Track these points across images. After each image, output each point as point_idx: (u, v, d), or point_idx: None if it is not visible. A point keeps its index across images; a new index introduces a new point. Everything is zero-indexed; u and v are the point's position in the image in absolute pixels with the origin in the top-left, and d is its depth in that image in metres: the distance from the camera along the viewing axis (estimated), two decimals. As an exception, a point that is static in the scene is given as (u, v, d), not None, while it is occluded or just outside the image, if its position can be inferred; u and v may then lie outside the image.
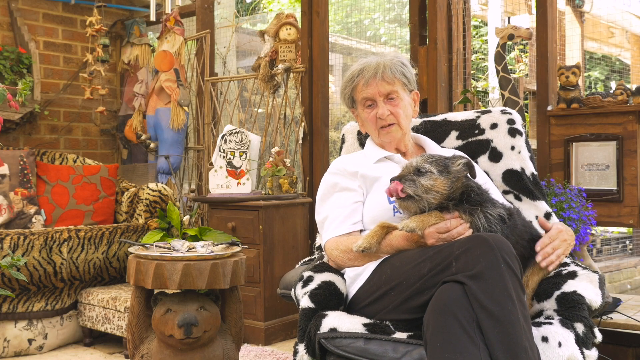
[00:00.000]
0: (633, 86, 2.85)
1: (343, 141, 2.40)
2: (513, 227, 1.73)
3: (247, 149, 3.42)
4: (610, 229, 6.01)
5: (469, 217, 1.68)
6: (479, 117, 2.25)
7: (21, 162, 3.48)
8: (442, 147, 2.18)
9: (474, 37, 6.72)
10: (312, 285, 1.80)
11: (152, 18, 3.56)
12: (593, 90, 5.90)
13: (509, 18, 4.61)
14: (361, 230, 1.91)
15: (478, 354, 1.39)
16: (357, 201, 1.93)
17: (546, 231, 1.79)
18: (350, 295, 1.84)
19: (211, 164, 3.55)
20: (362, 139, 2.33)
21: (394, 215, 1.85)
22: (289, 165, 3.42)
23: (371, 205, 1.91)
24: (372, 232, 1.79)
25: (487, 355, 1.40)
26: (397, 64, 1.98)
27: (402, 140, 2.03)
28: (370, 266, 1.81)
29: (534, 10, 3.16)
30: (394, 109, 1.97)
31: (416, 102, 2.06)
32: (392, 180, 1.71)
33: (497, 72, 3.09)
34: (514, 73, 4.97)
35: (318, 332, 1.65)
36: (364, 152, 2.08)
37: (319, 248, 2.25)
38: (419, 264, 1.62)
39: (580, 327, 1.60)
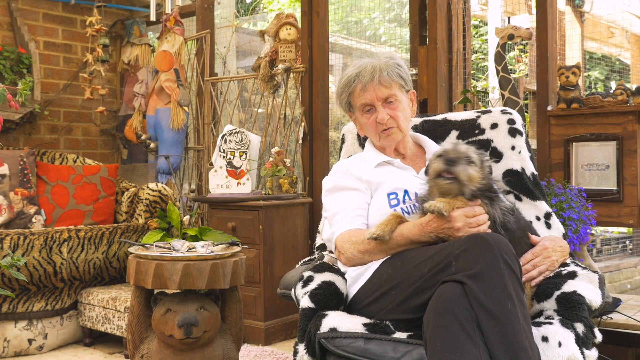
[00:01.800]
0: (633, 86, 2.85)
1: (343, 141, 2.40)
2: (517, 221, 1.75)
3: (247, 149, 3.42)
4: (610, 229, 6.01)
5: (488, 208, 1.70)
6: (479, 117, 2.25)
7: (21, 162, 3.48)
8: (442, 147, 2.18)
9: (474, 37, 6.72)
10: (312, 285, 1.80)
11: (152, 18, 3.56)
12: (593, 90, 5.90)
13: (509, 18, 4.61)
14: None
15: (478, 354, 1.39)
16: (366, 202, 1.93)
17: (533, 245, 1.80)
18: (351, 295, 1.84)
19: (211, 164, 3.55)
20: (361, 139, 2.33)
21: None
22: (289, 165, 3.42)
23: (374, 208, 1.91)
24: (386, 221, 1.77)
25: (486, 354, 1.40)
26: (392, 65, 1.96)
27: (402, 141, 2.03)
28: (372, 266, 1.81)
29: (534, 10, 3.16)
30: (393, 112, 1.96)
31: (413, 101, 2.06)
32: (449, 160, 1.69)
33: (497, 72, 3.09)
34: (514, 73, 4.97)
35: (318, 332, 1.65)
36: (363, 157, 2.07)
37: (319, 248, 2.25)
38: (419, 264, 1.62)
39: (580, 327, 1.60)
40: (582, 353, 1.55)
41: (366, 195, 1.94)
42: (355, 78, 1.97)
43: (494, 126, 2.21)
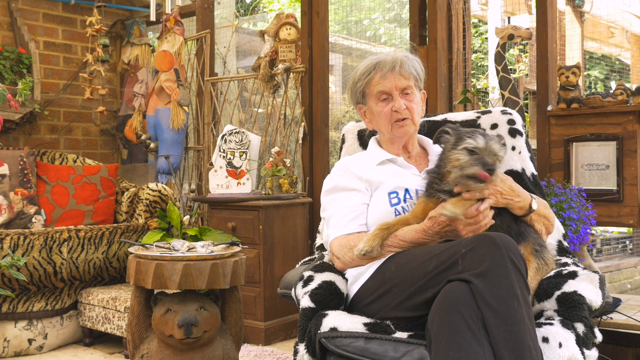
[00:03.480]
0: (633, 86, 2.85)
1: (343, 141, 2.40)
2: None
3: (247, 149, 3.42)
4: (610, 229, 6.01)
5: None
6: (479, 117, 2.25)
7: (21, 162, 3.48)
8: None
9: (474, 36, 6.72)
10: (313, 285, 1.80)
11: (152, 18, 3.56)
12: (593, 90, 5.90)
13: (509, 18, 4.61)
14: (366, 232, 1.91)
15: (482, 353, 1.39)
16: (364, 202, 1.93)
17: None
18: (352, 293, 1.84)
19: (211, 164, 3.55)
20: (362, 139, 2.33)
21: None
22: (289, 165, 3.42)
23: (374, 207, 1.90)
24: (372, 235, 1.77)
25: (491, 353, 1.40)
26: (411, 59, 1.99)
27: (412, 137, 2.03)
28: (374, 265, 1.81)
29: (534, 10, 3.16)
30: (409, 104, 1.96)
31: (424, 101, 2.07)
32: (490, 170, 1.65)
33: (497, 72, 3.09)
34: (514, 73, 4.97)
35: (318, 331, 1.65)
36: (366, 154, 2.07)
37: (319, 248, 2.25)
38: (424, 262, 1.62)
39: (580, 327, 1.60)
40: (583, 353, 1.55)
41: (365, 196, 1.94)
42: (375, 66, 1.98)
43: (494, 126, 2.21)
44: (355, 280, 1.84)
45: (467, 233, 1.66)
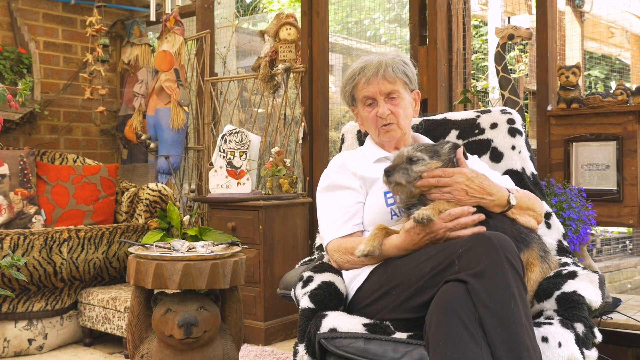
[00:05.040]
0: (633, 86, 2.85)
1: (343, 141, 2.40)
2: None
3: (247, 149, 3.42)
4: (610, 229, 6.01)
5: None
6: (479, 116, 2.25)
7: (21, 162, 3.48)
8: (442, 146, 2.18)
9: (474, 37, 6.72)
10: (312, 286, 1.80)
11: (152, 18, 3.56)
12: (593, 90, 5.90)
13: (509, 18, 4.61)
14: (362, 232, 1.91)
15: (480, 353, 1.39)
16: (359, 201, 1.93)
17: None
18: (350, 295, 1.84)
19: (211, 164, 3.55)
20: (361, 138, 2.34)
21: (392, 218, 1.85)
22: (289, 165, 3.42)
23: (370, 207, 1.90)
24: (372, 236, 1.77)
25: (489, 353, 1.40)
26: (398, 62, 1.97)
27: (401, 139, 2.03)
28: (369, 267, 1.81)
29: (534, 10, 3.16)
30: (395, 108, 1.96)
31: (417, 101, 2.06)
32: (385, 170, 1.74)
33: (497, 72, 3.09)
34: (514, 73, 4.97)
35: (318, 332, 1.65)
36: (363, 151, 2.07)
37: (319, 248, 2.25)
38: (420, 263, 1.62)
39: (580, 327, 1.60)
40: (582, 353, 1.55)
41: (360, 194, 1.94)
42: (360, 71, 1.98)
43: (493, 126, 2.21)
44: (351, 281, 1.85)
45: (440, 237, 1.66)
